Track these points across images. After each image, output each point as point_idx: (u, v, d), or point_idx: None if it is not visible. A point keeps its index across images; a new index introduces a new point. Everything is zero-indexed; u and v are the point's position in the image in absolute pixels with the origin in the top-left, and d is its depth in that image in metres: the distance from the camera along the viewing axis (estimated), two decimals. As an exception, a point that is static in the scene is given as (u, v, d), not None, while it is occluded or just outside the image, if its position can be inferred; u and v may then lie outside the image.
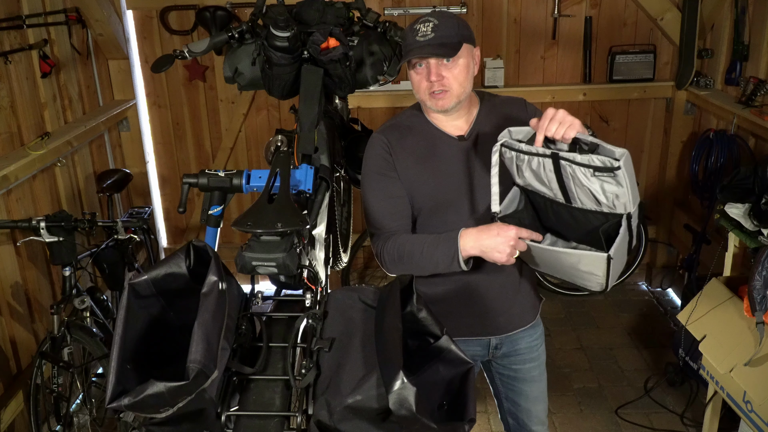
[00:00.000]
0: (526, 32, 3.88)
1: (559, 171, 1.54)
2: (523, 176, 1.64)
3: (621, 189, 1.47)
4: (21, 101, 2.91)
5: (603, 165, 1.45)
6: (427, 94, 1.76)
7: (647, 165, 4.14)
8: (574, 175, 1.51)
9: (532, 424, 2.05)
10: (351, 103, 3.38)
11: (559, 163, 1.52)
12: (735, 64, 3.39)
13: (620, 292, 4.14)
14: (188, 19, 3.80)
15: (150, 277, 1.25)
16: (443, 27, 1.70)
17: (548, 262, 1.68)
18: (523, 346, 1.98)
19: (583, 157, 1.47)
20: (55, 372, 2.58)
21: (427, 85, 1.74)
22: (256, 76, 2.14)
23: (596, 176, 1.48)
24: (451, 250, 1.70)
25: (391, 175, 1.82)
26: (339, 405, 1.22)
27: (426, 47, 1.69)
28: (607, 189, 1.49)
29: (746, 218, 2.42)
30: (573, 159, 1.49)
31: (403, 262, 1.77)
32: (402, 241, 1.78)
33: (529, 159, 1.58)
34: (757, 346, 2.18)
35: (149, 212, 3.23)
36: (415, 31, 1.71)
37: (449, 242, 1.70)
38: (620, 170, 1.43)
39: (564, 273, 1.68)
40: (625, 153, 1.44)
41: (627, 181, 1.46)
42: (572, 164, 1.50)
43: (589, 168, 1.47)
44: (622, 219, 1.54)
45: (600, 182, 1.48)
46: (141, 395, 1.08)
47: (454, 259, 1.70)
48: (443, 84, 1.72)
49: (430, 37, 1.69)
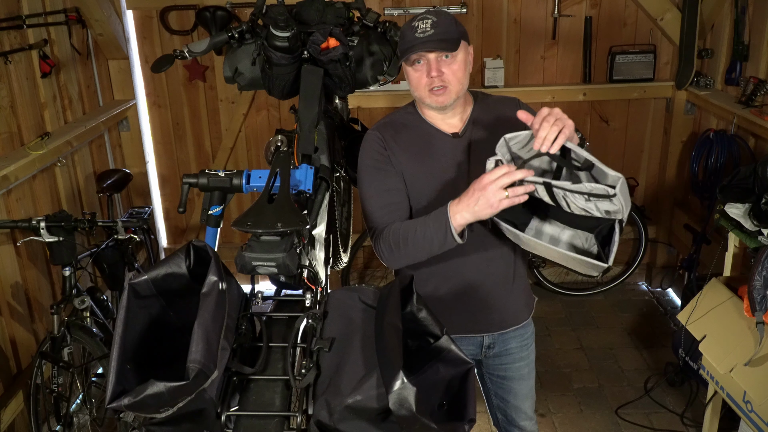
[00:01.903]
0: (526, 32, 3.88)
1: (553, 196, 1.57)
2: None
3: (615, 206, 1.50)
4: (21, 101, 2.91)
5: (598, 193, 1.48)
6: (426, 91, 1.76)
7: (647, 165, 4.14)
8: (566, 198, 1.54)
9: (520, 420, 2.08)
10: (351, 103, 3.38)
11: (552, 191, 1.55)
12: (735, 64, 3.39)
13: (620, 292, 4.14)
14: (188, 19, 3.80)
15: (150, 277, 1.25)
16: (442, 24, 1.72)
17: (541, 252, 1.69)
18: (515, 345, 2.00)
19: (577, 186, 1.49)
20: (55, 372, 2.58)
21: (427, 81, 1.74)
22: (256, 76, 2.14)
23: (591, 200, 1.51)
24: (443, 224, 1.64)
25: (386, 169, 1.83)
26: (339, 405, 1.22)
27: (428, 42, 1.70)
28: (600, 207, 1.52)
29: (746, 218, 2.42)
30: (566, 187, 1.51)
31: (399, 249, 1.74)
32: (395, 228, 1.76)
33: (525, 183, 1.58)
34: (757, 346, 2.19)
35: (149, 212, 3.23)
36: (413, 28, 1.72)
37: (439, 216, 1.65)
38: (616, 197, 1.46)
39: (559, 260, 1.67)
40: (620, 179, 1.46)
41: (622, 202, 1.48)
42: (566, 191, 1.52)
43: (583, 195, 1.50)
44: (615, 223, 1.55)
45: (594, 201, 1.51)
46: (141, 395, 1.08)
47: (447, 233, 1.64)
48: (443, 80, 1.74)
49: (430, 33, 1.70)
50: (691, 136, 3.89)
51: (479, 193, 1.55)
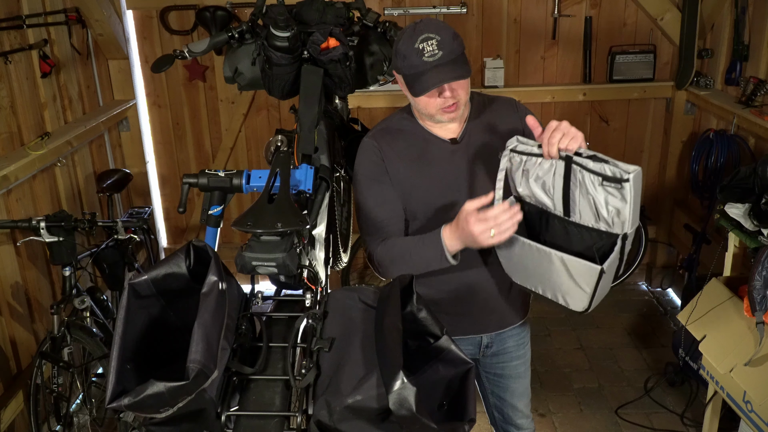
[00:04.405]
0: (526, 32, 3.88)
1: (568, 176, 1.54)
2: (528, 184, 1.62)
3: (624, 205, 1.47)
4: (21, 101, 2.91)
5: (612, 175, 1.46)
6: (438, 110, 1.74)
7: (647, 165, 4.14)
8: (582, 181, 1.52)
9: (517, 418, 2.09)
10: (351, 103, 3.37)
11: (570, 167, 1.53)
12: (735, 64, 3.39)
13: (620, 292, 4.14)
14: (188, 19, 3.80)
15: (150, 277, 1.25)
16: (446, 42, 1.65)
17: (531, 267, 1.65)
18: (512, 344, 2.02)
19: (596, 165, 1.49)
20: (55, 372, 2.58)
21: (441, 101, 1.71)
22: (256, 76, 2.14)
23: (603, 186, 1.48)
24: (438, 248, 1.68)
25: (383, 181, 1.82)
26: (339, 405, 1.22)
27: (442, 69, 1.64)
28: (610, 202, 1.49)
29: (746, 218, 2.42)
30: (585, 165, 1.50)
31: (395, 265, 1.78)
32: (391, 244, 1.79)
33: (542, 161, 1.57)
34: (757, 346, 2.19)
35: (149, 212, 3.23)
36: (419, 52, 1.64)
37: (434, 241, 1.69)
38: (628, 183, 1.44)
39: (546, 282, 1.63)
40: (637, 169, 1.45)
41: (631, 198, 1.46)
42: (583, 170, 1.50)
43: (599, 176, 1.48)
44: (618, 239, 1.53)
45: (605, 194, 1.49)
46: (141, 395, 1.08)
47: (442, 256, 1.69)
48: (454, 96, 1.71)
49: (440, 55, 1.64)
50: (691, 136, 3.89)
51: (467, 232, 1.59)
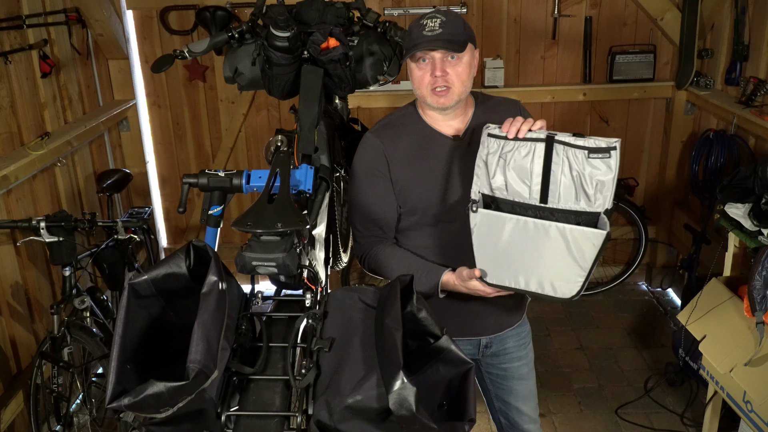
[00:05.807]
0: (526, 32, 3.88)
1: (549, 157, 1.55)
2: (503, 172, 1.59)
3: (608, 176, 1.50)
4: (21, 101, 2.91)
5: (597, 146, 1.50)
6: (428, 90, 1.76)
7: (647, 165, 4.14)
8: (566, 158, 1.53)
9: (524, 423, 2.07)
10: (351, 103, 3.37)
11: (552, 148, 1.54)
12: (735, 64, 3.39)
13: (620, 292, 4.14)
14: (188, 19, 3.80)
15: (150, 277, 1.25)
16: (450, 24, 1.71)
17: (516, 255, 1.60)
18: (512, 344, 2.01)
19: (578, 140, 1.52)
20: (55, 372, 2.58)
21: (430, 80, 1.74)
22: (256, 76, 2.14)
23: (589, 159, 1.51)
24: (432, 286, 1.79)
25: (381, 177, 1.84)
26: (339, 405, 1.22)
27: (435, 41, 1.69)
28: (594, 176, 1.51)
29: (746, 218, 2.42)
30: (568, 141, 1.53)
31: (380, 273, 1.88)
32: (386, 254, 1.85)
33: (519, 146, 1.57)
34: (757, 346, 2.19)
35: (149, 212, 3.23)
36: (421, 26, 1.72)
37: (430, 278, 1.79)
38: (616, 150, 1.49)
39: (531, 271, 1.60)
40: (619, 140, 1.51)
41: (616, 168, 1.51)
42: (567, 147, 1.52)
43: (584, 150, 1.51)
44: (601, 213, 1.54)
45: (590, 168, 1.51)
46: (141, 395, 1.08)
47: (434, 293, 1.79)
48: (446, 80, 1.73)
49: (438, 32, 1.69)
50: (691, 136, 3.89)
51: (464, 289, 1.75)
